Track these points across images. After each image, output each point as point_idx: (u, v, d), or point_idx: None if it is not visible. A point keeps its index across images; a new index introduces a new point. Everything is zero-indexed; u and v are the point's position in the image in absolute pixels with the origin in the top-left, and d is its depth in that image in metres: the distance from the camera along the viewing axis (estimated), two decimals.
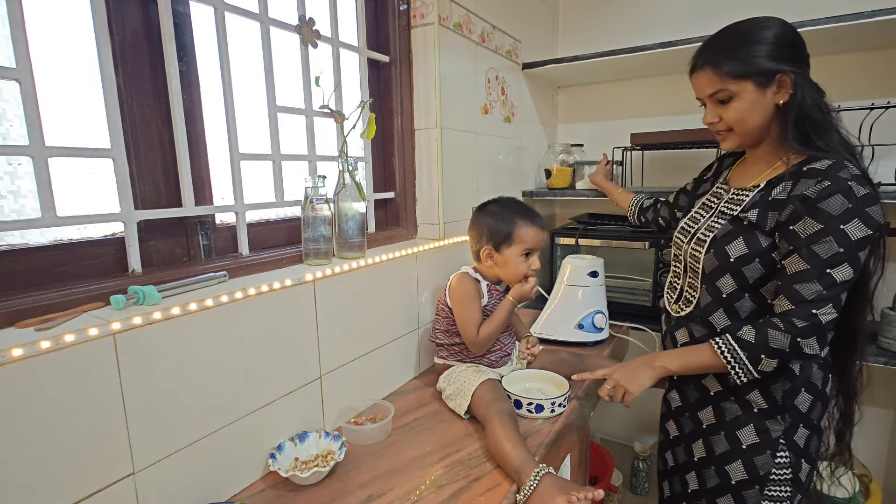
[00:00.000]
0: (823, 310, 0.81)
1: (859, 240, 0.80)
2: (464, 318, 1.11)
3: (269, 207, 1.03)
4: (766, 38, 0.86)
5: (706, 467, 0.95)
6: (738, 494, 0.91)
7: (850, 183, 0.80)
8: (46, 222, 0.69)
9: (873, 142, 1.44)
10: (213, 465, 0.81)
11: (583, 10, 2.02)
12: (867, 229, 0.79)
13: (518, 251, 1.11)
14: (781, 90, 0.87)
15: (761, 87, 0.87)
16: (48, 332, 0.62)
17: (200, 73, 0.91)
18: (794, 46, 0.88)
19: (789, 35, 0.88)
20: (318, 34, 1.08)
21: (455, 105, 1.40)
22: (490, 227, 1.13)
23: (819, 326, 0.82)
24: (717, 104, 0.92)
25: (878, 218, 0.80)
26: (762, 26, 0.87)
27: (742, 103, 0.89)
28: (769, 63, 0.85)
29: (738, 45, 0.88)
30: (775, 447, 0.89)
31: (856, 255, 0.80)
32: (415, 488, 0.84)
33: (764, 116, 0.89)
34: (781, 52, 0.86)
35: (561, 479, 0.82)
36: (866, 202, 0.80)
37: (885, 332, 1.35)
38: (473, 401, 1.05)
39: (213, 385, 0.80)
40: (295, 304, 0.94)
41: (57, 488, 0.62)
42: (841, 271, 0.81)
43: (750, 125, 0.90)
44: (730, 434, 0.92)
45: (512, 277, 1.14)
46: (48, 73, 0.71)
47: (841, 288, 0.81)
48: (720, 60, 0.89)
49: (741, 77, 0.87)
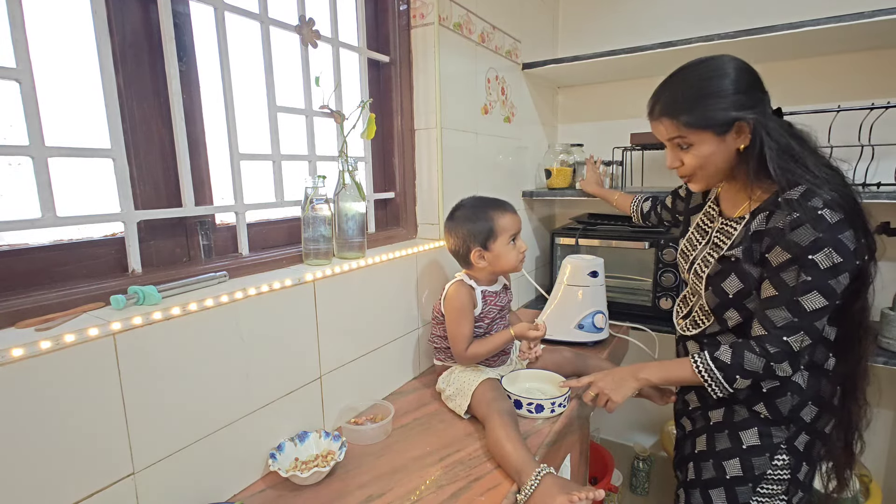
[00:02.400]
0: (795, 337, 0.83)
1: (828, 269, 0.80)
2: (454, 332, 1.11)
3: (269, 207, 1.03)
4: (723, 89, 0.85)
5: (705, 460, 0.96)
6: (731, 489, 0.92)
7: (821, 211, 0.80)
8: (46, 222, 0.69)
9: (873, 142, 1.45)
10: (213, 465, 0.81)
11: (583, 10, 2.02)
12: (838, 257, 0.79)
13: (505, 241, 1.12)
14: (741, 135, 0.87)
15: (721, 135, 0.87)
16: (48, 333, 0.62)
17: (200, 73, 0.90)
18: (751, 90, 0.87)
19: (745, 79, 0.87)
20: (318, 34, 1.08)
21: (455, 105, 1.40)
22: (470, 229, 1.12)
23: (791, 353, 0.83)
24: (678, 149, 0.92)
25: (851, 244, 0.80)
26: (718, 75, 0.86)
27: (701, 151, 0.89)
28: (726, 114, 0.85)
29: (693, 97, 0.87)
30: (774, 450, 0.90)
31: (826, 283, 0.80)
32: (415, 488, 0.84)
33: (726, 160, 0.90)
34: (738, 100, 0.85)
35: (562, 479, 0.82)
36: (839, 229, 0.80)
37: (885, 332, 1.35)
38: (473, 401, 1.05)
39: (213, 385, 0.80)
40: (295, 304, 0.94)
41: (57, 488, 0.62)
42: (810, 300, 0.81)
43: (713, 170, 0.91)
44: (733, 434, 0.93)
45: (509, 266, 1.13)
46: (48, 73, 0.71)
47: (813, 316, 0.82)
48: (676, 112, 0.88)
49: (698, 127, 0.87)
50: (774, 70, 1.68)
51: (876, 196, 1.31)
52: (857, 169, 1.48)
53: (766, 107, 0.88)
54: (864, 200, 1.28)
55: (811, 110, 1.46)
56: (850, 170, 1.49)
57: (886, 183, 1.42)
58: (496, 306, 1.16)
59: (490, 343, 1.12)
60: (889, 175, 1.48)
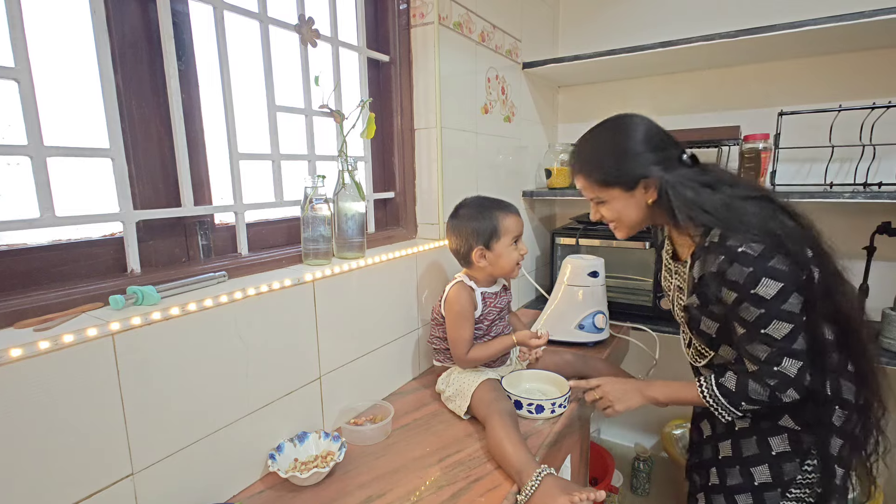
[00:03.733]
0: (783, 365, 0.84)
1: (775, 296, 0.81)
2: (455, 336, 1.11)
3: (268, 207, 1.03)
4: (628, 149, 0.92)
5: (730, 465, 0.95)
6: (759, 494, 0.91)
7: (741, 249, 0.82)
8: (45, 222, 0.69)
9: (874, 141, 1.44)
10: (212, 465, 0.81)
11: (583, 10, 2.02)
12: (777, 283, 0.81)
13: (507, 242, 1.12)
14: (649, 190, 0.93)
15: (628, 190, 0.94)
16: (47, 333, 0.61)
17: (199, 72, 0.90)
18: (656, 147, 0.92)
19: (651, 137, 0.92)
20: (318, 33, 1.08)
21: (455, 105, 1.40)
22: (474, 228, 1.11)
23: (788, 379, 0.84)
24: (596, 204, 1.01)
25: (785, 266, 0.82)
26: (624, 136, 0.93)
27: (614, 206, 0.97)
28: (632, 172, 0.92)
29: (601, 156, 0.96)
30: (805, 456, 0.89)
31: (780, 310, 0.82)
32: (415, 489, 0.84)
33: (640, 212, 0.96)
34: (644, 158, 0.91)
35: (562, 480, 0.82)
36: (765, 258, 0.82)
37: (885, 333, 1.34)
38: (473, 401, 1.04)
39: (212, 386, 0.80)
40: (294, 304, 0.94)
41: (56, 489, 0.62)
42: (775, 329, 0.83)
43: (629, 221, 0.98)
44: (762, 440, 0.92)
45: (508, 268, 1.13)
46: (47, 73, 0.71)
47: (787, 341, 0.83)
48: (588, 170, 0.98)
49: (607, 186, 0.95)
50: (775, 70, 1.68)
51: (877, 196, 1.30)
52: (859, 168, 1.48)
53: (672, 162, 0.92)
54: (865, 200, 1.30)
55: (812, 110, 1.46)
56: (850, 170, 1.50)
57: (888, 183, 1.42)
58: (496, 307, 1.16)
59: (491, 348, 1.12)
60: (890, 175, 1.48)
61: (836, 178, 1.56)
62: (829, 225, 0.91)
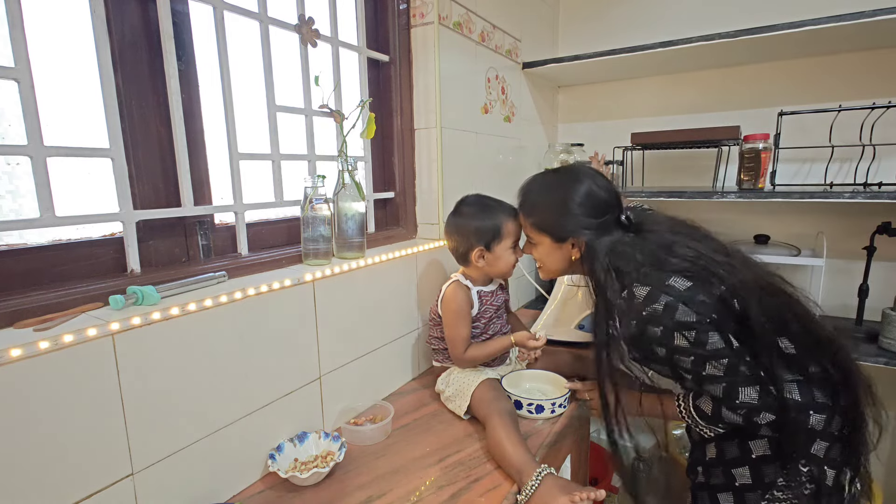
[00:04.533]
0: (743, 394, 0.84)
1: (694, 342, 0.83)
2: (453, 334, 1.11)
3: (268, 207, 1.03)
4: (567, 205, 0.95)
5: (715, 466, 0.96)
6: (740, 495, 0.91)
7: (646, 311, 0.84)
8: (45, 222, 0.69)
9: (874, 141, 1.44)
10: (212, 465, 0.81)
11: (583, 10, 2.02)
12: (690, 332, 0.82)
13: (508, 245, 1.11)
14: (575, 248, 0.97)
15: (557, 242, 0.99)
16: (47, 333, 0.61)
17: (199, 72, 0.90)
18: (593, 211, 0.95)
19: (591, 199, 0.95)
20: (318, 33, 1.08)
21: (455, 104, 1.40)
22: (477, 227, 1.10)
23: (755, 406, 0.84)
24: (528, 242, 1.07)
25: (687, 317, 0.82)
26: (565, 190, 0.96)
27: (542, 250, 1.03)
28: (564, 228, 0.97)
29: (541, 204, 1.01)
30: (787, 459, 0.88)
31: (707, 350, 0.83)
32: (415, 489, 0.84)
33: (563, 264, 1.01)
34: (578, 219, 0.95)
35: (563, 480, 0.82)
36: (670, 313, 0.83)
37: (885, 333, 1.34)
38: (473, 401, 1.04)
39: (212, 386, 0.80)
40: (294, 304, 0.94)
41: (55, 489, 0.62)
42: (713, 366, 0.84)
43: (552, 267, 1.04)
44: (742, 443, 0.92)
45: (504, 270, 1.13)
46: (47, 73, 0.71)
47: (731, 374, 0.83)
48: (527, 212, 1.04)
49: (540, 231, 1.01)
50: (775, 70, 1.68)
51: (877, 196, 1.30)
52: (859, 168, 1.48)
53: (608, 226, 0.95)
54: (865, 200, 1.30)
55: (812, 110, 1.46)
56: (850, 170, 1.50)
57: (888, 183, 1.42)
58: (492, 306, 1.16)
59: (489, 347, 1.12)
60: (890, 175, 1.48)
61: (836, 178, 1.56)
62: (829, 225, 0.91)
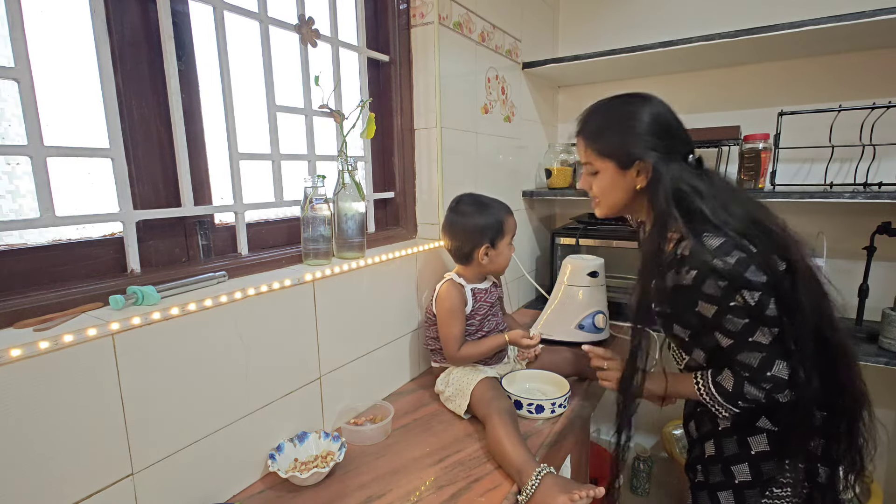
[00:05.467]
0: (776, 368, 0.83)
1: (755, 305, 0.80)
2: (446, 333, 1.12)
3: (268, 207, 1.03)
4: (634, 126, 0.89)
5: (713, 464, 0.96)
6: (740, 493, 0.91)
7: (714, 262, 0.80)
8: (45, 222, 0.69)
9: (874, 141, 1.44)
10: (212, 466, 0.81)
11: (583, 10, 2.02)
12: (755, 292, 0.80)
13: (508, 240, 1.16)
14: (641, 175, 0.90)
15: (622, 168, 0.91)
16: (47, 333, 0.61)
17: (199, 72, 0.90)
18: (663, 135, 0.89)
19: (659, 123, 0.89)
20: (318, 33, 1.08)
21: (455, 104, 1.40)
22: (482, 225, 1.13)
23: (783, 382, 0.83)
24: (589, 174, 0.98)
25: (757, 277, 0.80)
26: (634, 111, 0.90)
27: (604, 180, 0.94)
28: (631, 150, 0.89)
29: (607, 126, 0.93)
30: (785, 455, 0.89)
31: (762, 315, 0.81)
32: (415, 489, 0.84)
33: (625, 195, 0.94)
34: (646, 140, 0.88)
35: (562, 479, 0.82)
36: (741, 269, 0.80)
37: (885, 333, 1.34)
38: (473, 400, 1.05)
39: (212, 386, 0.80)
40: (294, 304, 0.94)
41: (55, 489, 0.62)
42: (760, 335, 0.82)
43: (612, 200, 0.96)
44: (742, 440, 0.92)
45: (502, 266, 1.17)
46: (47, 73, 0.71)
47: (776, 344, 0.82)
48: (590, 137, 0.95)
49: (604, 156, 0.93)
50: (775, 70, 1.68)
51: (877, 196, 1.30)
52: (859, 169, 1.48)
53: (674, 154, 0.90)
54: (865, 200, 1.30)
55: (812, 110, 1.46)
56: (850, 170, 1.50)
57: (888, 183, 1.42)
58: (486, 303, 1.18)
59: (483, 345, 1.13)
60: (890, 175, 1.48)
61: (836, 178, 1.56)
62: (829, 225, 0.91)
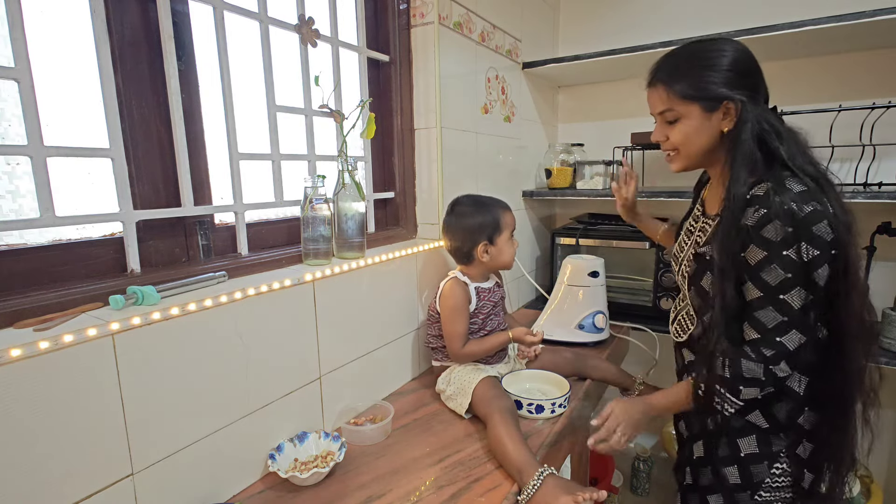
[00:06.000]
0: (788, 336, 0.81)
1: (808, 262, 0.78)
2: (450, 330, 1.13)
3: (268, 207, 1.03)
4: (720, 64, 0.85)
5: (703, 466, 0.95)
6: (730, 495, 0.91)
7: (790, 205, 0.78)
8: (45, 222, 0.69)
9: (875, 141, 1.44)
10: (212, 466, 0.81)
11: (583, 10, 2.02)
12: (814, 249, 0.78)
13: (507, 236, 1.18)
14: (727, 117, 0.87)
15: (708, 111, 0.87)
16: (47, 333, 0.61)
17: (199, 72, 0.90)
18: (748, 75, 0.86)
19: (744, 63, 0.86)
20: (318, 33, 1.08)
21: (455, 104, 1.40)
22: (479, 223, 1.15)
23: (787, 352, 0.82)
24: (666, 123, 0.93)
25: (826, 235, 0.78)
26: (718, 51, 0.87)
27: (687, 125, 0.89)
28: (718, 89, 0.85)
29: (690, 67, 0.88)
30: (774, 459, 0.89)
31: (808, 277, 0.79)
32: (415, 489, 0.84)
33: (709, 141, 0.89)
34: (732, 79, 0.85)
35: (564, 480, 0.82)
36: (811, 220, 0.78)
37: (885, 333, 1.34)
38: (474, 399, 1.04)
39: (212, 386, 0.80)
40: (294, 304, 0.94)
41: (55, 489, 0.62)
42: (795, 296, 0.80)
43: (694, 148, 0.91)
44: (731, 441, 0.92)
45: (507, 261, 1.18)
46: (47, 73, 0.71)
47: (801, 312, 0.80)
48: (671, 80, 0.89)
49: (689, 99, 0.87)
50: (775, 70, 1.67)
51: (877, 196, 1.30)
52: (859, 169, 1.48)
53: (759, 95, 0.87)
54: (865, 200, 1.30)
55: (812, 110, 1.46)
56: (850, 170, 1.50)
57: (888, 183, 1.42)
58: (490, 302, 1.18)
59: (487, 343, 1.14)
60: (890, 175, 1.48)
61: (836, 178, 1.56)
62: None
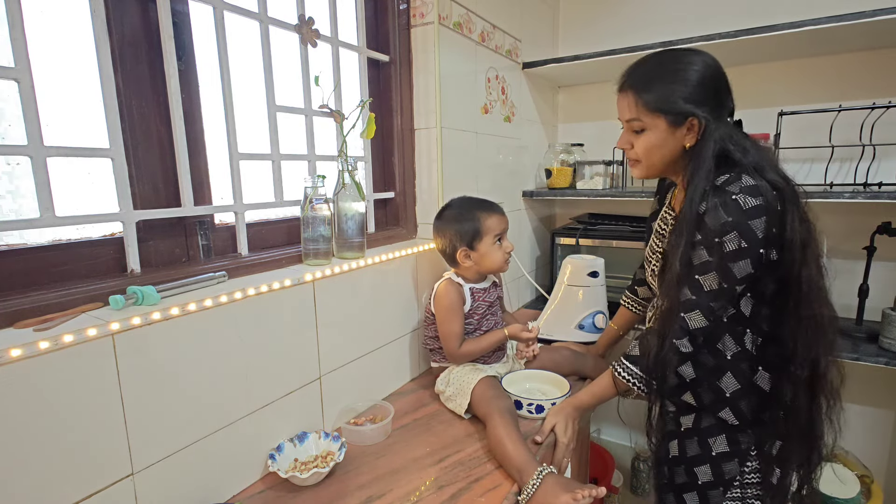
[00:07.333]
0: (690, 314, 0.83)
1: (731, 252, 0.80)
2: (446, 331, 1.13)
3: (268, 207, 1.03)
4: (688, 79, 0.86)
5: (677, 465, 0.96)
6: (703, 493, 0.92)
7: (736, 196, 0.80)
8: (45, 222, 0.69)
9: (874, 141, 1.44)
10: (212, 466, 0.81)
11: (583, 10, 2.02)
12: (743, 242, 0.79)
13: (490, 241, 1.14)
14: (690, 133, 0.88)
15: (673, 125, 0.88)
16: (47, 333, 0.61)
17: (200, 72, 0.90)
18: (715, 91, 0.87)
19: (711, 79, 0.87)
20: (318, 33, 1.08)
21: (455, 104, 1.40)
22: (456, 229, 1.14)
23: (686, 329, 0.84)
24: (632, 132, 0.94)
25: (760, 231, 0.79)
26: (687, 64, 0.87)
27: (652, 137, 0.90)
28: (684, 105, 0.86)
29: (659, 79, 0.89)
30: (744, 457, 0.89)
31: (725, 266, 0.81)
32: (415, 489, 0.84)
33: (671, 154, 0.91)
34: (699, 95, 0.86)
35: (564, 479, 0.82)
36: (752, 215, 0.79)
37: (885, 333, 1.34)
38: (473, 399, 1.05)
39: (212, 386, 0.80)
40: (294, 304, 0.94)
41: (55, 489, 0.62)
42: (708, 280, 0.82)
43: (656, 159, 0.92)
44: (703, 441, 0.92)
45: (495, 265, 1.15)
46: (47, 73, 0.71)
47: (709, 296, 0.82)
48: (641, 90, 0.90)
49: (656, 112, 0.88)
50: (775, 70, 1.68)
51: (877, 196, 1.30)
52: (859, 169, 1.48)
53: (724, 111, 0.89)
54: (865, 200, 1.30)
55: (812, 110, 1.46)
56: (850, 170, 1.50)
57: (888, 183, 1.42)
58: (485, 302, 1.18)
59: (483, 341, 1.14)
60: (890, 175, 1.48)
61: (836, 178, 1.56)
62: (829, 225, 0.90)
